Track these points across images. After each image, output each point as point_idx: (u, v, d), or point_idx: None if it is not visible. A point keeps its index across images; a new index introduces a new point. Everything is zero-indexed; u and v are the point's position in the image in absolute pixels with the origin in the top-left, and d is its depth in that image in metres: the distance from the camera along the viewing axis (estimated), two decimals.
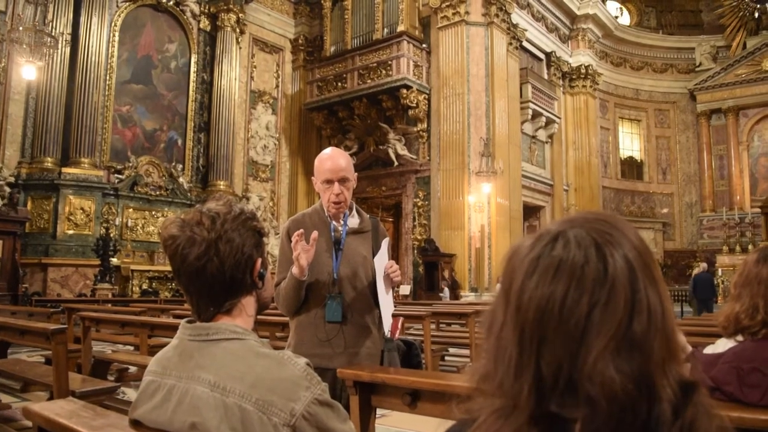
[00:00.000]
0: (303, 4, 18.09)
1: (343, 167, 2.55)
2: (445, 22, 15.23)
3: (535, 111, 17.39)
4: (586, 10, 19.65)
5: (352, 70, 15.88)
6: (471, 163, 14.52)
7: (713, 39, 22.45)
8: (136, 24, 14.66)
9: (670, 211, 22.52)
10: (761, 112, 21.50)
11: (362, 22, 16.16)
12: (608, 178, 21.63)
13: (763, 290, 1.76)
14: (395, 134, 15.54)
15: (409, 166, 15.49)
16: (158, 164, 14.55)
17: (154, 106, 14.96)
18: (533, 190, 17.68)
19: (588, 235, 0.64)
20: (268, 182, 17.37)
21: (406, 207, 15.63)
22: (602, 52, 21.55)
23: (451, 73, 15.00)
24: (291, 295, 2.42)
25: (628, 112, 22.56)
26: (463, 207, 14.43)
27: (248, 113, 17.07)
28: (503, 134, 15.20)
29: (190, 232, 1.18)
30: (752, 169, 21.57)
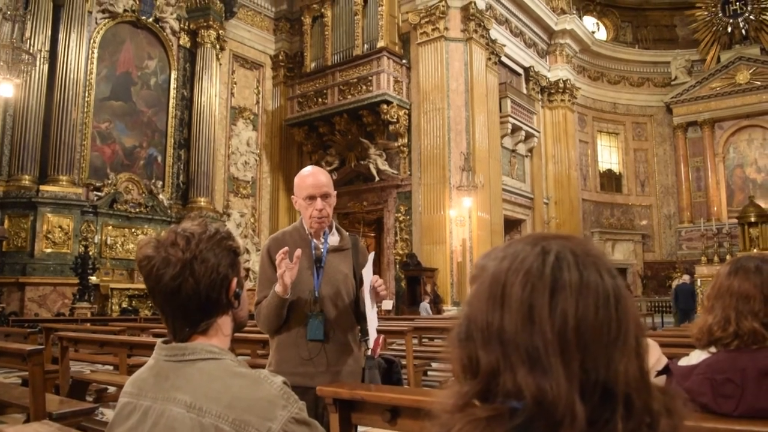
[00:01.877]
0: (283, 20, 18.15)
1: (324, 183, 2.57)
2: (424, 38, 15.36)
3: (515, 125, 17.55)
4: (564, 25, 19.94)
5: (333, 85, 15.94)
6: (452, 177, 14.60)
7: (688, 53, 22.84)
8: (115, 40, 14.60)
9: (649, 222, 22.76)
10: (736, 124, 21.86)
11: (342, 38, 16.25)
12: (588, 191, 21.84)
13: (734, 302, 1.78)
14: (376, 149, 15.59)
15: (390, 181, 15.54)
16: (138, 181, 14.43)
17: (134, 122, 14.87)
18: (514, 204, 17.80)
19: (573, 253, 0.68)
20: (249, 198, 17.31)
21: (388, 222, 15.65)
22: (580, 67, 21.84)
23: (431, 88, 15.11)
24: (273, 313, 2.41)
25: (606, 125, 22.84)
26: (444, 221, 14.49)
27: (229, 129, 17.03)
28: (483, 148, 15.31)
29: (164, 252, 1.18)
30: (728, 180, 21.89)
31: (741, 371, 1.69)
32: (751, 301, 1.75)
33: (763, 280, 1.77)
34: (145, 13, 14.81)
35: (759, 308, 1.75)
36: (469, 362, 0.69)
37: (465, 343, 0.69)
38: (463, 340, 0.70)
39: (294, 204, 2.67)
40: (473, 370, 0.69)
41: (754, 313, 1.74)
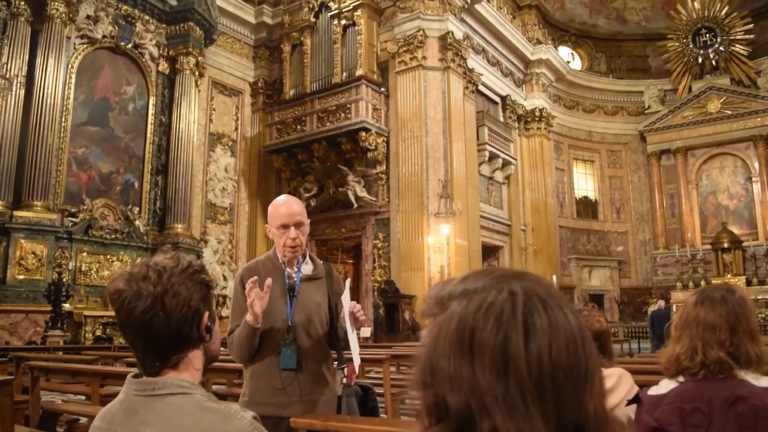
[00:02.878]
0: (263, 48, 18.26)
1: (297, 212, 2.59)
2: (402, 66, 15.55)
3: (492, 153, 17.74)
4: (539, 55, 20.32)
5: (312, 113, 16.02)
6: (430, 204, 14.67)
7: (660, 83, 23.38)
8: (93, 66, 14.55)
9: (625, 249, 23.01)
10: (708, 152, 22.32)
11: (321, 66, 16.38)
12: (564, 218, 22.06)
13: (701, 332, 1.81)
14: (355, 176, 15.64)
15: (369, 207, 15.57)
16: (114, 207, 14.28)
17: (111, 148, 14.76)
18: (492, 231, 17.91)
19: (538, 294, 0.68)
20: (227, 225, 17.21)
21: (366, 248, 15.64)
22: (555, 96, 22.21)
23: (409, 116, 15.25)
24: (245, 342, 2.40)
25: (582, 153, 23.17)
26: (422, 248, 14.52)
27: (207, 156, 16.99)
28: (461, 176, 15.44)
29: (136, 286, 1.19)
30: (702, 207, 22.27)
31: (708, 400, 1.71)
32: (717, 331, 1.79)
33: (729, 310, 1.81)
34: (124, 39, 14.80)
35: (725, 338, 1.78)
36: (435, 406, 0.68)
37: (429, 387, 0.68)
38: (428, 384, 0.68)
39: (268, 233, 2.68)
40: (440, 413, 0.67)
41: (720, 342, 1.77)
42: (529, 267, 19.01)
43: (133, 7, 14.78)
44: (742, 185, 21.82)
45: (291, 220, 2.54)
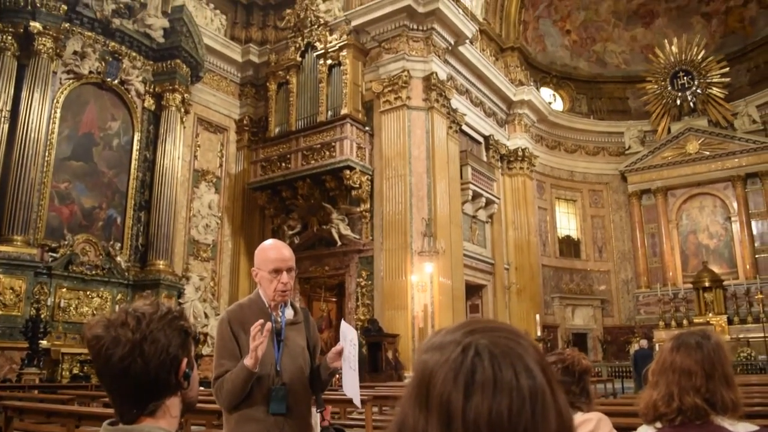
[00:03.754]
0: (249, 86, 18.42)
1: (289, 257, 2.62)
2: (387, 106, 15.73)
3: (476, 192, 17.87)
4: (522, 96, 20.66)
5: (296, 150, 16.10)
6: (413, 242, 14.69)
7: (640, 124, 23.83)
8: (79, 101, 14.56)
9: (608, 288, 23.11)
10: (687, 192, 22.67)
11: (307, 104, 16.53)
12: (547, 257, 22.16)
13: (677, 378, 1.83)
14: (338, 214, 15.66)
15: (353, 245, 15.55)
16: (95, 243, 14.12)
17: (94, 183, 14.68)
18: (475, 269, 17.93)
19: (499, 347, 0.68)
20: (209, 262, 17.09)
21: (350, 287, 15.58)
22: (538, 136, 22.53)
23: (393, 155, 15.37)
24: (239, 387, 2.39)
25: (564, 192, 23.42)
26: (406, 286, 14.48)
27: (191, 192, 16.95)
28: (445, 214, 15.51)
29: (114, 332, 1.19)
30: (682, 246, 22.50)
31: None
32: (693, 377, 1.81)
33: (704, 356, 1.83)
34: (110, 75, 14.85)
35: (701, 384, 1.80)
36: None
37: None
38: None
39: (254, 276, 2.68)
40: None
41: (696, 388, 1.79)
42: (513, 306, 19.03)
43: (120, 43, 14.87)
44: (722, 225, 22.12)
45: (284, 265, 2.57)
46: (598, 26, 24.38)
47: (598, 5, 24.04)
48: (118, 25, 14.55)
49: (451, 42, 16.70)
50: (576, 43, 24.54)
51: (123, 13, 14.63)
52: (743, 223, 21.31)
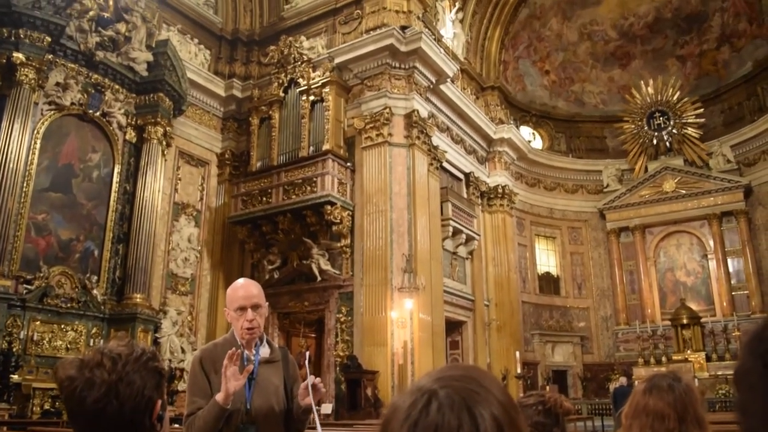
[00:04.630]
0: (231, 120, 18.47)
1: (255, 294, 2.62)
2: (369, 142, 15.84)
3: (456, 228, 17.96)
4: (502, 134, 20.95)
5: (278, 185, 16.12)
6: (394, 278, 14.67)
7: (618, 162, 24.24)
8: (59, 132, 14.47)
9: (587, 324, 23.18)
10: (665, 230, 22.98)
11: (289, 139, 16.60)
12: (527, 293, 22.23)
13: (650, 422, 1.84)
14: (319, 249, 15.62)
15: (333, 281, 15.49)
16: (72, 275, 13.91)
17: (72, 215, 14.52)
18: (455, 306, 17.91)
19: (458, 395, 0.70)
20: (188, 296, 16.90)
21: (329, 322, 15.46)
22: (518, 173, 22.80)
23: (374, 190, 15.43)
24: (210, 425, 2.37)
25: (544, 229, 23.62)
26: (385, 323, 14.41)
27: (170, 225, 16.84)
28: (425, 251, 15.54)
29: (89, 373, 1.18)
30: (660, 283, 22.72)
31: None
32: (666, 420, 1.82)
33: (676, 398, 1.85)
34: (92, 107, 14.81)
35: (673, 426, 1.81)
36: None
37: None
38: None
39: (226, 316, 2.68)
40: None
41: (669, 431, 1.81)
42: (493, 343, 18.99)
43: (103, 76, 14.86)
44: (699, 262, 22.40)
45: (248, 303, 2.57)
46: (576, 67, 24.95)
47: (576, 47, 24.64)
48: (102, 57, 14.57)
49: (432, 80, 16.95)
50: (555, 83, 25.05)
51: (107, 46, 14.67)
52: (719, 261, 21.60)
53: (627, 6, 23.80)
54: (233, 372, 2.30)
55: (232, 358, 2.30)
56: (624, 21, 24.10)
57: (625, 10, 23.91)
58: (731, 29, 22.97)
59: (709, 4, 23.03)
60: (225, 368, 2.29)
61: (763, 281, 20.89)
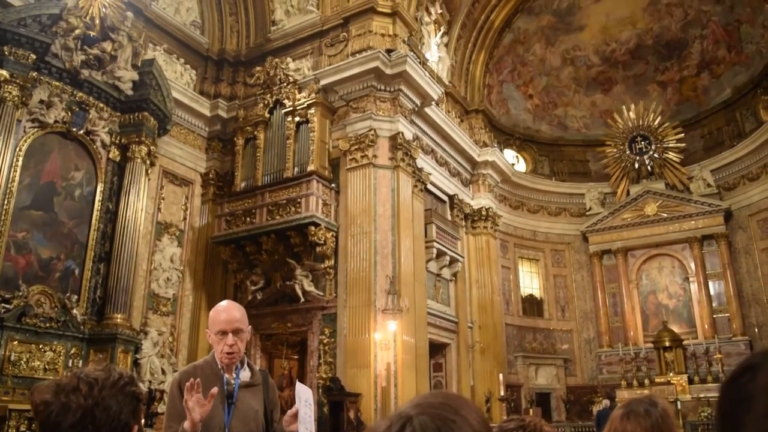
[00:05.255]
0: (216, 140, 18.44)
1: (237, 318, 2.60)
2: (353, 164, 15.89)
3: (440, 250, 17.99)
4: (486, 157, 21.11)
5: (262, 206, 16.08)
6: (377, 300, 14.63)
7: (600, 186, 24.47)
8: (42, 150, 14.35)
9: (570, 347, 23.21)
10: (647, 253, 23.17)
11: (274, 160, 16.60)
12: (510, 315, 22.25)
13: None
14: (302, 270, 15.56)
15: (316, 302, 15.41)
16: (51, 294, 13.71)
17: (53, 233, 14.36)
18: (439, 328, 17.88)
19: (433, 422, 0.71)
20: (169, 316, 16.72)
21: (312, 344, 15.35)
22: (501, 196, 22.95)
23: (358, 212, 15.45)
24: None
25: (527, 252, 23.72)
26: (369, 345, 14.34)
27: (153, 245, 16.71)
28: (409, 272, 15.54)
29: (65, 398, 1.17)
30: (643, 306, 22.84)
31: None
32: None
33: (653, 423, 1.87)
34: (76, 125, 14.72)
35: None
36: None
37: None
38: None
39: (208, 338, 2.67)
40: None
41: None
42: (476, 365, 18.96)
43: (88, 94, 14.79)
44: (680, 285, 22.58)
45: (229, 327, 2.56)
46: (559, 92, 25.29)
47: (559, 72, 24.98)
48: (87, 76, 14.52)
49: (417, 103, 17.09)
50: (538, 107, 25.35)
51: (92, 64, 14.63)
52: (701, 284, 21.79)
53: (609, 32, 24.22)
54: (196, 401, 2.28)
55: (190, 390, 2.28)
56: (606, 47, 24.51)
57: (607, 37, 24.33)
58: (710, 56, 23.44)
59: (688, 31, 23.50)
60: (185, 401, 2.28)
61: (744, 304, 21.09)
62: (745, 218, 21.62)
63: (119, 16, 15.01)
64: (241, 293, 16.75)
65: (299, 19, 18.22)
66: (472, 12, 21.59)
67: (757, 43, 21.77)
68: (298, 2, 18.46)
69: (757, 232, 21.26)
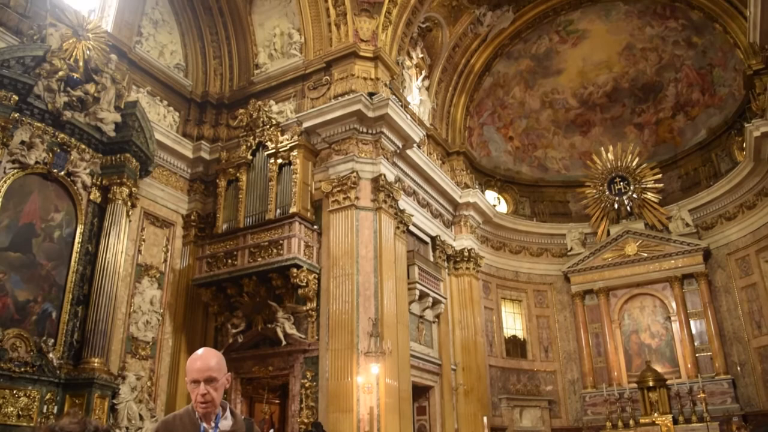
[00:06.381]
0: (198, 182, 18.39)
1: (211, 367, 2.56)
2: (336, 205, 15.93)
3: (423, 291, 17.95)
4: (467, 198, 21.27)
5: (244, 247, 15.99)
6: (360, 343, 14.50)
7: (581, 226, 24.71)
8: (22, 191, 14.21)
9: (554, 388, 23.09)
10: (628, 292, 23.30)
11: (256, 202, 16.59)
12: (494, 357, 22.14)
13: None
14: (284, 313, 15.41)
15: (298, 345, 15.22)
16: (27, 338, 13.40)
17: (31, 275, 14.12)
18: (422, 370, 17.72)
19: None
20: (148, 360, 16.40)
21: (294, 388, 15.11)
22: (483, 237, 23.06)
23: (341, 253, 15.42)
24: None
25: (510, 292, 23.75)
26: (351, 388, 14.15)
27: (132, 287, 16.49)
28: (392, 314, 15.45)
29: None
30: (626, 346, 22.86)
31: None
32: None
33: None
34: (57, 167, 14.62)
35: None
36: None
37: None
38: None
39: (187, 386, 2.64)
40: None
41: None
42: (460, 408, 18.77)
43: (70, 135, 14.72)
44: (662, 324, 22.66)
45: (201, 376, 2.52)
46: (538, 134, 25.73)
47: (539, 114, 25.46)
48: (70, 117, 14.49)
49: (399, 145, 17.25)
50: (518, 149, 25.73)
51: (75, 106, 14.63)
52: (682, 323, 21.89)
53: (586, 76, 24.80)
54: None
55: None
56: (584, 90, 25.06)
57: (584, 80, 24.90)
58: (685, 99, 24.04)
59: (663, 75, 24.13)
60: None
61: (726, 342, 21.19)
62: (724, 257, 21.89)
63: (103, 59, 15.08)
64: (221, 336, 16.53)
65: (282, 63, 18.47)
66: (453, 56, 22.04)
67: (729, 86, 22.37)
68: (281, 46, 18.73)
69: (736, 271, 21.51)
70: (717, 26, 20.81)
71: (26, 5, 14.67)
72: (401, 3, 18.08)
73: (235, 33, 19.40)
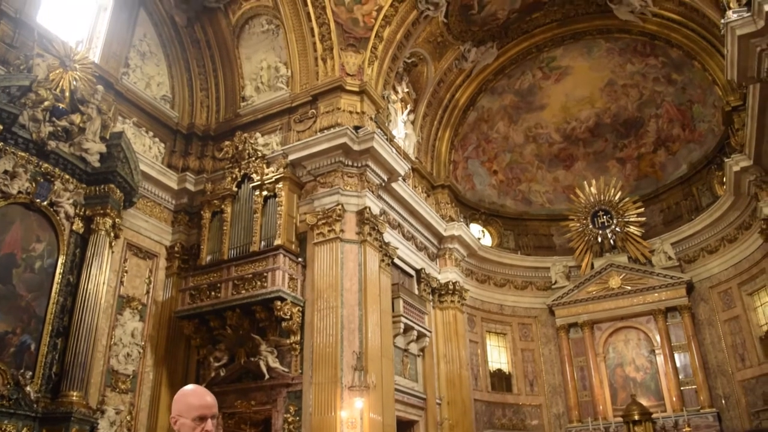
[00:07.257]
0: (183, 213, 18.30)
1: (213, 404, 2.56)
2: (320, 238, 15.91)
3: (407, 325, 17.86)
4: (452, 231, 21.34)
5: (227, 280, 15.87)
6: (344, 376, 14.36)
7: (565, 259, 24.83)
8: (3, 221, 14.01)
9: (540, 422, 22.93)
10: (612, 325, 23.36)
11: (240, 234, 16.53)
12: (479, 391, 21.98)
13: None
14: (267, 346, 15.23)
15: (281, 379, 15.03)
16: (5, 371, 13.11)
17: (10, 307, 13.87)
18: (406, 404, 17.54)
19: None
20: (128, 394, 16.10)
21: (276, 423, 14.88)
22: (468, 270, 23.08)
23: (325, 286, 15.34)
24: None
25: (494, 326, 23.69)
26: (335, 423, 13.95)
27: (114, 319, 16.25)
28: (376, 348, 15.33)
29: None
30: (611, 379, 22.82)
31: None
32: None
33: None
34: (40, 197, 14.47)
35: None
36: None
37: None
38: None
39: (173, 424, 2.59)
40: None
41: None
42: None
43: (54, 165, 14.61)
44: (647, 357, 22.68)
45: (209, 413, 2.51)
46: (522, 167, 26.00)
47: (522, 148, 25.78)
48: (54, 147, 14.39)
49: (384, 179, 17.34)
50: (503, 182, 25.96)
51: (60, 136, 14.55)
52: (666, 356, 21.91)
53: (569, 111, 25.20)
54: None
55: None
56: (567, 125, 25.45)
57: (567, 115, 25.29)
58: (666, 134, 24.47)
59: (644, 111, 24.58)
60: None
61: (710, 375, 21.22)
62: (707, 290, 22.06)
63: (89, 89, 15.09)
64: (203, 369, 16.31)
65: (269, 96, 18.60)
66: (438, 91, 22.33)
67: (709, 122, 22.81)
68: (268, 79, 18.88)
69: (718, 304, 21.66)
70: (696, 64, 21.28)
71: (13, 35, 14.69)
72: (387, 38, 18.36)
73: (223, 66, 19.55)
